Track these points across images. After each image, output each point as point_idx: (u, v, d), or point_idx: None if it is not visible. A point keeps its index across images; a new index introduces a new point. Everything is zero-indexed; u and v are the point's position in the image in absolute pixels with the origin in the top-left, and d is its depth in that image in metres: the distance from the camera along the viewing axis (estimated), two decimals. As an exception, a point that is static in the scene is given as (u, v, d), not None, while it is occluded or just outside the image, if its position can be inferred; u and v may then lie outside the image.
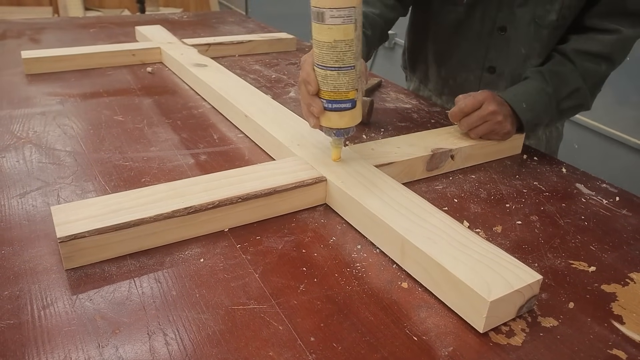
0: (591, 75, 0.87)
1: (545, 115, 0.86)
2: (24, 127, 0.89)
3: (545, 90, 0.85)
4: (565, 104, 0.87)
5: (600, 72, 0.88)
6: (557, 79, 0.86)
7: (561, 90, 0.86)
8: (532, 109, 0.84)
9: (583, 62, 0.87)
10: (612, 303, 0.55)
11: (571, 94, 0.86)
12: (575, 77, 0.86)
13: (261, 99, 0.96)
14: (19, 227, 0.62)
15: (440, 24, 1.03)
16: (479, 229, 0.66)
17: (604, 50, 0.86)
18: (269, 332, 0.48)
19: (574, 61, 0.87)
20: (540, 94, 0.85)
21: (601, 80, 0.90)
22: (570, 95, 0.86)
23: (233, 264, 0.57)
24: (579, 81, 0.86)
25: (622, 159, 1.80)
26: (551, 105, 0.86)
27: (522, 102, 0.84)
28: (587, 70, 0.87)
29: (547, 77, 0.86)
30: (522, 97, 0.85)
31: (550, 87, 0.86)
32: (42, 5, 3.74)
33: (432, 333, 0.50)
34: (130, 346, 0.46)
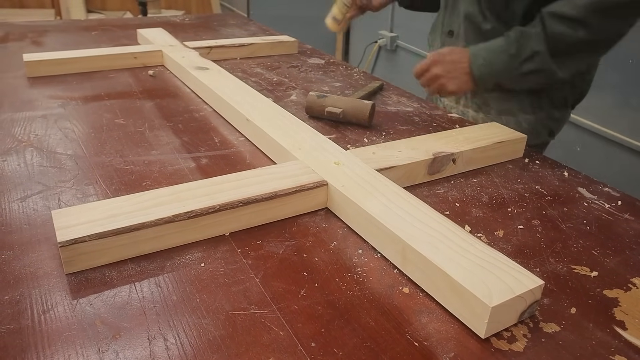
0: (562, 40, 0.86)
1: (505, 73, 0.89)
2: (25, 130, 0.89)
3: (509, 50, 0.88)
4: (526, 66, 0.88)
5: (575, 37, 0.85)
6: (523, 39, 0.88)
7: (522, 51, 0.88)
8: (489, 65, 0.89)
9: (553, 25, 0.86)
10: (615, 308, 0.55)
11: (531, 57, 0.87)
12: (538, 40, 0.87)
13: (262, 102, 0.96)
14: (20, 231, 0.62)
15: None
16: (481, 234, 0.66)
17: (577, 13, 0.84)
18: (270, 338, 0.48)
19: (545, 24, 0.87)
20: (502, 53, 0.89)
21: (578, 47, 0.87)
22: (530, 57, 0.87)
23: (234, 269, 0.57)
24: (540, 45, 0.86)
25: (625, 161, 1.79)
26: (512, 64, 0.88)
27: (481, 57, 0.90)
28: (555, 33, 0.86)
29: (516, 36, 0.89)
30: (484, 53, 0.90)
31: (514, 47, 0.88)
32: (45, 7, 3.75)
33: (434, 338, 0.49)
34: (131, 351, 0.46)
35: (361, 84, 1.21)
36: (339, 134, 0.93)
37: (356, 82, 1.24)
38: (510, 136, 0.87)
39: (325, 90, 1.16)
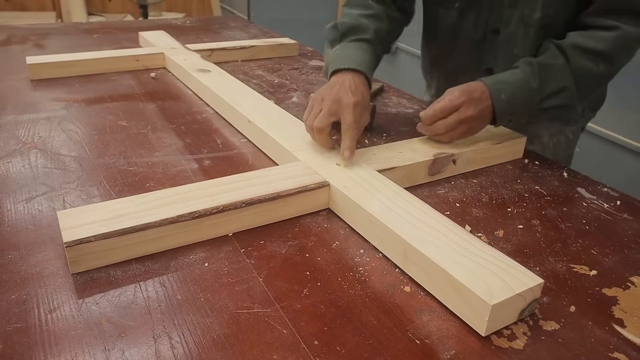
0: (585, 74, 0.81)
1: (523, 109, 0.82)
2: (29, 132, 0.90)
3: (530, 83, 0.81)
4: (549, 102, 0.82)
5: (597, 72, 0.81)
6: (545, 73, 0.81)
7: (546, 86, 0.81)
8: (509, 102, 0.80)
9: (578, 59, 0.81)
10: (614, 307, 0.55)
11: (557, 93, 0.81)
12: (565, 75, 0.81)
13: (264, 104, 0.97)
14: (25, 231, 0.63)
15: (437, 30, 1.04)
16: (481, 233, 0.67)
17: (603, 47, 0.80)
18: (273, 336, 0.49)
19: (569, 56, 0.81)
20: (523, 88, 0.81)
21: (596, 82, 0.84)
22: (556, 93, 0.81)
23: (237, 268, 0.58)
24: (568, 80, 0.80)
25: (624, 162, 1.80)
26: (532, 100, 0.81)
27: (501, 93, 0.81)
28: (581, 68, 0.81)
29: (535, 69, 0.81)
30: (504, 87, 0.81)
31: (535, 81, 0.81)
32: (46, 10, 3.76)
33: (435, 336, 0.50)
34: (136, 350, 0.47)
35: None
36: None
37: (357, 83, 1.24)
38: (510, 137, 0.87)
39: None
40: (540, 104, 0.81)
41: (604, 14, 0.82)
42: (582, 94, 0.82)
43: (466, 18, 0.97)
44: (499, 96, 0.80)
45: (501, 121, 0.83)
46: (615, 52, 0.80)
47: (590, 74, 0.81)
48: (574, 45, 0.81)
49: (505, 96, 0.80)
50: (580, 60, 0.80)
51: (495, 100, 0.80)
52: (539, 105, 0.82)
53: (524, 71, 0.82)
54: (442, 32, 1.03)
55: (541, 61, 0.82)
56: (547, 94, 0.81)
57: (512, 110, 0.81)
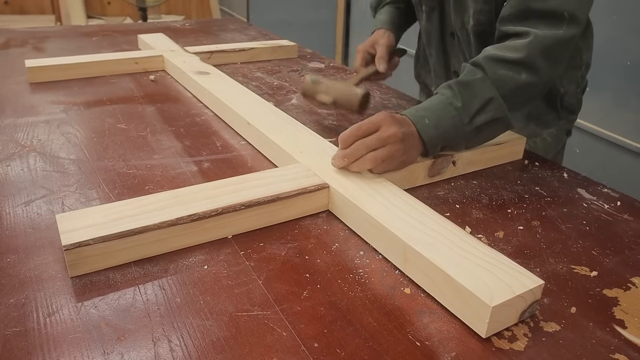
0: (507, 84, 0.75)
1: (456, 133, 0.75)
2: (28, 135, 0.90)
3: (453, 104, 0.74)
4: (479, 118, 0.75)
5: (520, 81, 0.76)
6: (466, 90, 0.75)
7: (472, 103, 0.74)
8: (436, 126, 0.73)
9: (496, 70, 0.76)
10: (614, 308, 0.55)
11: (484, 106, 0.74)
12: (486, 86, 0.75)
13: (263, 106, 0.97)
14: (24, 235, 0.63)
15: (420, 32, 1.14)
16: (481, 235, 0.67)
17: (518, 56, 0.75)
18: (273, 338, 0.49)
19: (486, 69, 0.76)
20: (447, 109, 0.74)
21: (524, 92, 0.77)
22: (484, 107, 0.74)
23: (237, 271, 0.58)
24: (491, 90, 0.75)
25: (623, 163, 1.80)
26: (461, 121, 0.74)
27: (424, 118, 0.74)
28: (502, 78, 0.75)
29: (455, 89, 0.75)
30: (425, 113, 0.74)
31: (458, 100, 0.74)
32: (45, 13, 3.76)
33: (435, 338, 0.50)
34: (136, 353, 0.46)
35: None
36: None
37: (356, 85, 1.24)
38: (510, 138, 0.87)
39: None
40: (471, 123, 0.75)
41: (515, 19, 0.79)
42: (512, 105, 0.77)
43: (432, 21, 1.03)
44: (422, 122, 0.74)
45: (433, 149, 0.75)
46: (533, 59, 0.75)
47: (513, 83, 0.76)
48: (489, 58, 0.77)
49: (429, 121, 0.74)
50: (498, 71, 0.76)
51: (420, 126, 0.73)
52: (469, 125, 0.75)
53: (444, 94, 0.77)
54: (422, 34, 1.11)
55: (459, 80, 0.77)
56: (474, 110, 0.74)
57: (443, 136, 0.74)
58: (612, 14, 1.63)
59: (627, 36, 1.64)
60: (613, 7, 1.63)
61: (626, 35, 1.64)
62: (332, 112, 1.06)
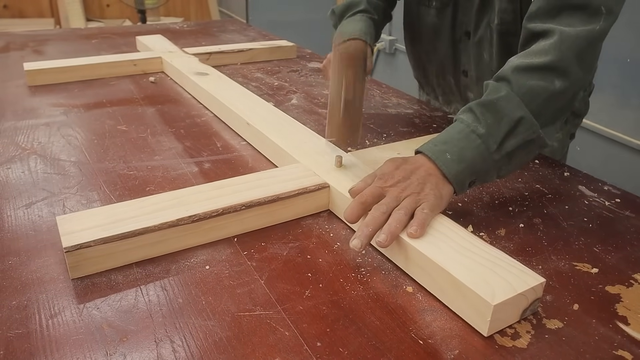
0: (539, 96, 0.65)
1: (484, 163, 0.64)
2: (28, 138, 0.90)
3: (476, 131, 0.64)
4: (509, 143, 0.64)
5: (554, 90, 0.65)
6: (489, 112, 0.64)
7: (499, 126, 0.64)
8: (460, 159, 0.63)
9: (523, 81, 0.65)
10: (617, 304, 0.55)
11: (513, 129, 0.64)
12: (513, 105, 0.64)
13: (263, 106, 0.97)
14: (26, 237, 0.63)
15: (420, 28, 1.06)
16: (483, 233, 0.66)
17: (547, 59, 0.65)
18: (276, 338, 0.49)
19: (512, 82, 0.66)
20: (470, 137, 0.64)
21: (559, 102, 0.66)
22: (513, 130, 0.64)
23: (238, 271, 0.58)
24: (520, 109, 0.64)
25: (624, 160, 1.80)
26: (489, 149, 0.63)
27: (445, 153, 0.63)
28: (532, 90, 0.65)
29: (477, 112, 0.65)
30: (445, 147, 0.64)
31: (482, 126, 0.64)
32: (44, 16, 3.77)
33: (438, 336, 0.50)
34: (138, 354, 0.46)
35: None
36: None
37: (356, 85, 1.24)
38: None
39: (326, 93, 1.17)
40: (500, 150, 0.64)
41: (545, 15, 0.69)
42: (545, 119, 0.66)
43: (444, 18, 0.99)
44: (443, 157, 0.63)
45: (461, 186, 0.64)
46: (564, 61, 0.65)
47: (546, 94, 0.65)
48: (515, 68, 0.67)
49: (451, 155, 0.63)
50: (526, 82, 0.65)
51: (438, 162, 0.63)
52: (498, 153, 0.64)
53: (464, 121, 0.66)
54: (425, 31, 1.05)
55: (481, 101, 0.66)
56: (502, 135, 0.64)
57: (469, 170, 0.63)
58: (611, 11, 1.63)
59: (628, 34, 1.64)
60: (612, 4, 1.63)
61: (627, 33, 1.64)
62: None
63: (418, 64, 1.16)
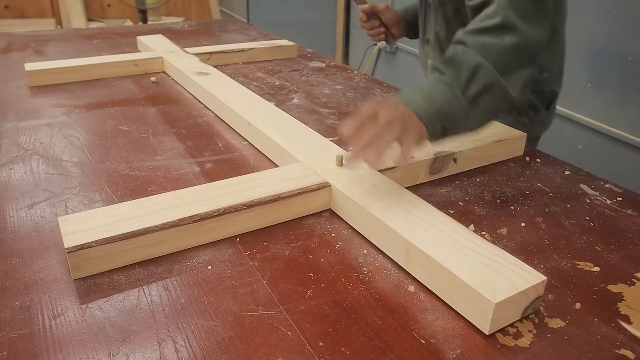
0: (492, 50, 0.72)
1: (451, 108, 0.71)
2: (30, 138, 0.90)
3: (442, 80, 0.72)
4: (472, 89, 0.71)
5: (505, 44, 0.72)
6: (451, 65, 0.73)
7: (460, 74, 0.72)
8: (429, 101, 0.70)
9: (475, 39, 0.73)
10: (619, 303, 0.55)
11: (473, 74, 0.71)
12: (469, 56, 0.72)
13: (264, 106, 0.97)
14: (28, 238, 0.63)
15: None
16: (485, 232, 0.67)
17: (494, 21, 0.73)
18: (278, 338, 0.49)
19: (466, 42, 0.74)
20: (437, 85, 0.72)
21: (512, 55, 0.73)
22: (473, 75, 0.71)
23: (240, 271, 0.58)
24: (475, 57, 0.72)
25: (626, 158, 1.79)
26: (455, 94, 0.71)
27: (415, 97, 0.71)
28: (484, 45, 0.72)
29: (441, 68, 0.74)
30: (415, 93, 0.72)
31: (447, 76, 0.72)
32: (45, 17, 3.77)
33: (440, 336, 0.50)
34: (141, 354, 0.46)
35: (362, 87, 1.22)
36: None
37: (357, 84, 1.24)
38: (510, 134, 0.87)
39: (327, 93, 1.17)
40: (465, 94, 0.71)
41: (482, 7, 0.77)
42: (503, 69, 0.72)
43: None
44: (413, 100, 0.71)
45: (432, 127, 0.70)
46: (509, 19, 0.72)
47: (498, 48, 0.72)
48: (467, 32, 0.75)
49: (421, 99, 0.71)
50: (478, 39, 0.73)
51: (413, 105, 0.70)
52: (464, 98, 0.71)
53: (431, 76, 0.75)
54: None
55: (443, 59, 0.75)
56: (464, 81, 0.71)
57: (439, 113, 0.70)
58: (613, 8, 1.63)
59: (628, 31, 1.64)
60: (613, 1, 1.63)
61: (627, 30, 1.63)
62: (334, 111, 1.06)
63: None
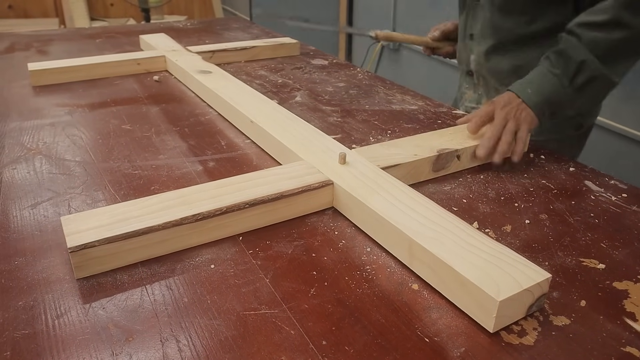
0: (601, 45, 0.81)
1: (558, 96, 0.84)
2: (33, 138, 0.90)
3: (552, 71, 0.84)
4: (578, 79, 0.83)
5: (614, 39, 0.81)
6: (562, 57, 0.84)
7: (568, 66, 0.83)
8: (538, 92, 0.83)
9: (587, 33, 0.82)
10: (625, 300, 0.55)
11: (580, 68, 0.82)
12: (579, 51, 0.82)
13: (267, 104, 0.97)
14: (31, 237, 0.63)
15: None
16: (489, 229, 0.66)
17: (605, 17, 0.81)
18: (281, 337, 0.49)
19: (579, 35, 0.83)
20: (546, 76, 0.84)
21: (621, 49, 0.82)
22: (580, 68, 0.82)
23: (243, 270, 0.58)
24: (584, 53, 0.82)
25: (631, 154, 1.79)
26: (562, 85, 0.83)
27: (527, 89, 0.84)
28: (594, 40, 0.82)
29: (552, 59, 0.85)
30: (526, 85, 0.85)
31: (557, 68, 0.83)
32: (48, 16, 3.78)
33: (444, 334, 0.50)
34: (144, 353, 0.46)
35: (365, 84, 1.22)
36: (344, 133, 0.93)
37: (360, 82, 1.24)
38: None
39: (330, 90, 1.17)
40: (571, 85, 0.83)
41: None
42: (610, 62, 0.82)
43: None
44: (524, 92, 0.84)
45: (541, 114, 0.84)
46: (620, 16, 0.80)
47: (607, 43, 0.81)
48: (580, 24, 0.84)
49: (532, 90, 0.84)
50: (590, 34, 0.82)
51: (523, 96, 0.84)
52: (570, 87, 0.83)
53: (543, 64, 0.86)
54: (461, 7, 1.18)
55: (556, 50, 0.85)
56: (572, 73, 0.82)
57: (547, 102, 0.84)
58: (617, 4, 1.61)
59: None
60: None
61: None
62: (337, 108, 1.06)
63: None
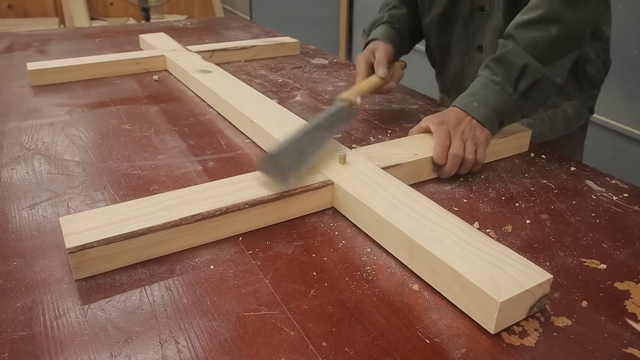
0: (539, 45, 0.78)
1: (505, 105, 0.79)
2: (32, 138, 0.90)
3: (494, 80, 0.80)
4: (522, 84, 0.79)
5: (551, 37, 0.78)
6: (502, 64, 0.80)
7: (510, 73, 0.79)
8: (485, 104, 0.79)
9: (524, 35, 0.79)
10: (626, 301, 0.54)
11: (522, 74, 0.78)
12: (518, 55, 0.78)
13: (266, 103, 0.96)
14: (30, 238, 0.63)
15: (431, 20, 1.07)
16: (489, 229, 0.66)
17: (538, 12, 0.78)
18: (281, 338, 0.48)
19: (515, 37, 0.80)
20: (489, 86, 0.80)
21: (558, 47, 0.79)
22: (522, 74, 0.78)
23: (243, 270, 0.58)
24: (524, 56, 0.78)
25: (632, 154, 1.78)
26: (507, 92, 0.79)
27: (472, 102, 0.80)
28: (532, 41, 0.78)
29: (492, 67, 0.81)
30: (471, 99, 0.81)
31: (498, 75, 0.79)
32: (48, 16, 3.77)
33: (445, 335, 0.49)
34: (143, 355, 0.46)
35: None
36: (345, 133, 0.93)
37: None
38: (514, 130, 0.86)
39: (330, 90, 1.16)
40: (516, 91, 0.79)
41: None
42: (550, 62, 0.79)
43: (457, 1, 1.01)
44: (469, 106, 0.80)
45: (491, 125, 0.80)
46: (554, 10, 0.77)
47: (545, 42, 0.78)
48: (516, 25, 0.81)
49: (478, 103, 0.80)
50: (526, 35, 0.79)
51: (468, 110, 0.80)
52: (515, 94, 0.79)
53: (483, 75, 0.82)
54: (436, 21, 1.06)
55: (494, 57, 0.81)
56: (514, 78, 0.78)
57: (495, 112, 0.79)
58: (619, 2, 1.61)
59: (634, 25, 1.62)
60: (619, -5, 1.62)
61: (633, 24, 1.62)
62: (336, 108, 1.05)
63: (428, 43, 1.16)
